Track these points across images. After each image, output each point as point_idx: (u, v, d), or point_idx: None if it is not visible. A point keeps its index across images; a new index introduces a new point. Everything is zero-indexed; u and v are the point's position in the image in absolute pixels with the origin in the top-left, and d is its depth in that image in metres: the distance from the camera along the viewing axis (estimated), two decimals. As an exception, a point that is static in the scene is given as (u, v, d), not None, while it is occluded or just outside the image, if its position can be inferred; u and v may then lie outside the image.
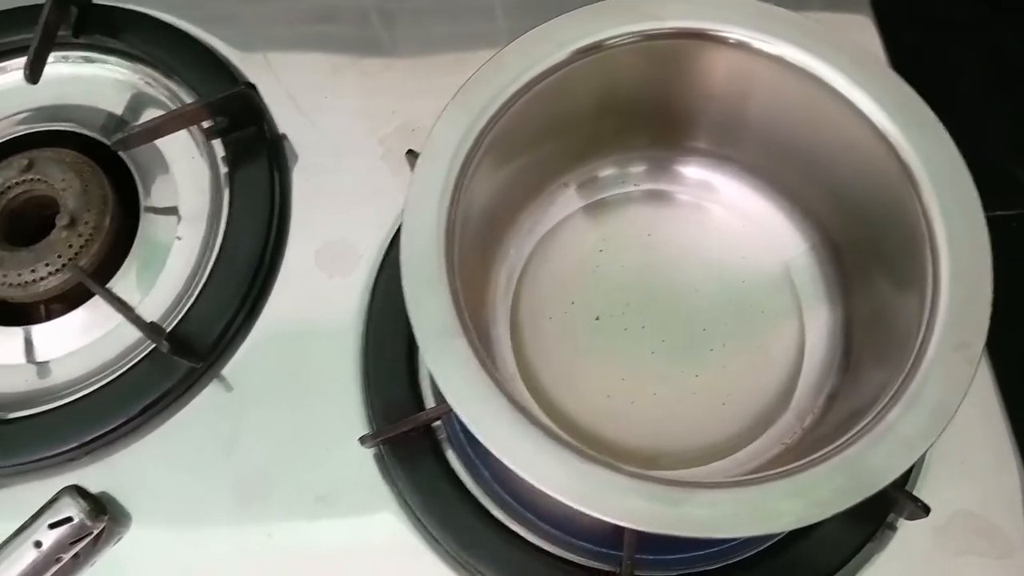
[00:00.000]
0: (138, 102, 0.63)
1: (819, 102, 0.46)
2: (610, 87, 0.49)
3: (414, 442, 0.50)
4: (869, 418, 0.38)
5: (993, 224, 0.42)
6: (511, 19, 0.64)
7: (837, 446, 0.38)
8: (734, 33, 0.46)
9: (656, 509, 0.37)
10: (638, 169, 0.55)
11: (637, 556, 0.45)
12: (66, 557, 0.49)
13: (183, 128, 0.59)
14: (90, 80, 0.64)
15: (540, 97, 0.46)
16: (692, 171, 0.55)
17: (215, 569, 0.50)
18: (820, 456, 0.38)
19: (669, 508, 0.37)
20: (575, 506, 0.37)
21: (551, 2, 0.48)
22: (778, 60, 0.45)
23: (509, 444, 0.38)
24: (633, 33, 0.46)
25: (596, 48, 0.46)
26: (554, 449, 0.38)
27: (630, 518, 0.37)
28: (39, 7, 0.61)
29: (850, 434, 0.38)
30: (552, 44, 0.45)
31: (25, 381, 0.56)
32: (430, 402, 0.52)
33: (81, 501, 0.50)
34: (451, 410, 0.49)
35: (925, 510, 0.45)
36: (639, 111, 0.51)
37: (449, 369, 0.40)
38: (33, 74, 0.59)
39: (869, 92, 0.43)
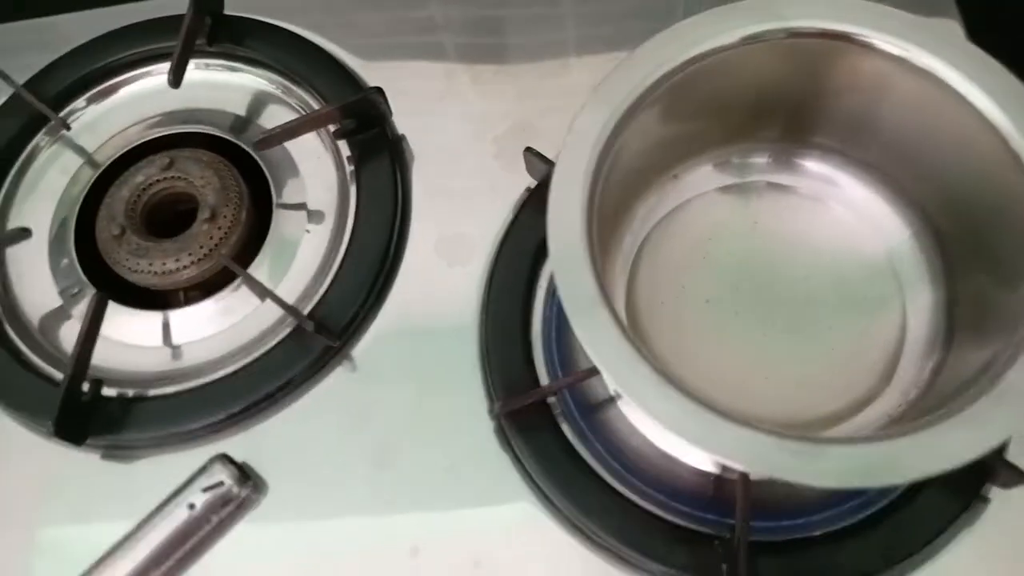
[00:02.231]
0: (263, 106, 0.67)
1: (936, 99, 0.47)
2: (751, 82, 0.51)
3: (532, 417, 0.53)
4: (983, 382, 0.41)
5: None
6: (613, 25, 0.67)
7: (953, 407, 0.40)
8: (864, 35, 0.48)
9: (798, 462, 0.39)
10: (759, 160, 0.58)
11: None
12: (216, 519, 0.53)
13: (316, 129, 0.63)
14: (220, 85, 0.68)
15: (673, 92, 0.48)
16: (809, 164, 0.57)
17: (348, 535, 0.53)
18: (939, 416, 0.40)
19: (808, 461, 0.39)
20: (724, 461, 0.40)
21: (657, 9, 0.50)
22: (901, 61, 0.47)
23: (656, 404, 0.41)
24: (777, 30, 0.48)
25: (755, 39, 0.48)
26: (696, 409, 0.41)
27: (779, 471, 0.39)
28: (173, 18, 0.65)
29: (965, 396, 0.41)
30: (683, 43, 0.48)
31: (164, 361, 0.60)
32: (544, 380, 0.55)
33: (231, 468, 0.53)
34: (566, 386, 0.54)
35: (1023, 476, 0.47)
36: (772, 105, 0.54)
37: (596, 335, 0.43)
38: (176, 79, 0.63)
39: (982, 86, 0.45)
